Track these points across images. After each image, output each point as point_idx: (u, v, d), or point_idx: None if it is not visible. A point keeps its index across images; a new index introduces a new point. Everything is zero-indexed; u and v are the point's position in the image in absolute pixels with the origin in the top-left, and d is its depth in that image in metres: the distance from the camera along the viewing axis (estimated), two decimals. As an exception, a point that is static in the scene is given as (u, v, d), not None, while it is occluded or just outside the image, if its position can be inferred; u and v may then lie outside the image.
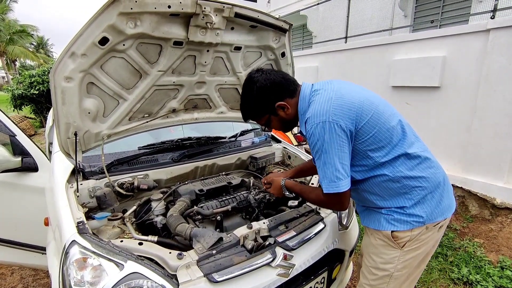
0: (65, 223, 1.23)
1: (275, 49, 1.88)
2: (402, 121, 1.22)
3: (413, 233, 1.19)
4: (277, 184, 1.51)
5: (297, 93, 1.25)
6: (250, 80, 1.24)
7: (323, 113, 1.10)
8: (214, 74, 1.84)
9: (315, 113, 1.12)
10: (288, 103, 1.23)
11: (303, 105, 1.22)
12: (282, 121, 1.29)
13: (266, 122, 1.31)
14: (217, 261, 1.21)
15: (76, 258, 1.10)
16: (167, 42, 1.49)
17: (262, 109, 1.26)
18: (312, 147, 1.16)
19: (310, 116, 1.14)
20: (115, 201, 1.55)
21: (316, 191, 1.30)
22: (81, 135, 1.54)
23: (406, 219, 1.18)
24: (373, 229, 1.29)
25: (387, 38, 4.39)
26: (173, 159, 1.86)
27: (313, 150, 1.17)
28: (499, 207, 3.12)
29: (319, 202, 1.32)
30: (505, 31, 3.00)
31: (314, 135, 1.12)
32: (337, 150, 1.09)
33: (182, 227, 1.35)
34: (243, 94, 1.29)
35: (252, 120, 1.35)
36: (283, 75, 1.26)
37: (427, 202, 1.18)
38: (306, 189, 1.42)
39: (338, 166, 1.10)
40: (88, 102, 1.47)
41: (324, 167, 1.12)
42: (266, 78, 1.21)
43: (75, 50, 1.26)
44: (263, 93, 1.21)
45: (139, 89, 1.60)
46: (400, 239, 1.20)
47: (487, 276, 2.36)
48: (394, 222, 1.20)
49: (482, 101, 3.27)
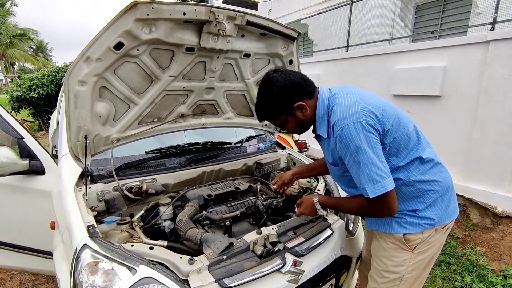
0: (76, 227, 1.23)
1: (283, 56, 1.90)
2: (416, 126, 1.26)
3: (423, 235, 1.22)
4: (309, 202, 1.40)
5: (315, 95, 1.24)
6: (268, 80, 1.22)
7: (353, 114, 1.09)
8: (223, 80, 1.86)
9: (344, 115, 1.10)
10: (306, 104, 1.21)
11: (322, 108, 1.21)
12: (299, 122, 1.27)
13: (282, 123, 1.28)
14: (228, 267, 1.20)
15: (88, 262, 1.09)
16: (179, 48, 1.51)
17: (280, 109, 1.23)
18: (345, 150, 1.11)
19: (338, 118, 1.11)
20: (124, 205, 1.54)
21: (356, 200, 1.21)
22: (91, 139, 1.54)
23: (418, 222, 1.21)
24: (383, 233, 1.30)
25: (388, 48, 4.47)
26: (180, 164, 1.87)
27: (345, 154, 1.12)
28: (500, 215, 3.14)
29: (364, 210, 1.19)
30: (505, 43, 3.07)
31: (346, 137, 1.08)
32: (374, 148, 1.07)
33: (192, 232, 1.34)
34: (261, 94, 1.26)
35: (268, 120, 1.32)
36: (302, 76, 1.25)
37: (437, 205, 1.22)
38: (343, 201, 1.32)
39: (379, 165, 1.06)
40: (99, 106, 1.48)
41: (364, 169, 1.07)
42: (285, 78, 1.19)
43: (90, 55, 1.28)
44: (283, 93, 1.19)
45: (149, 93, 1.62)
46: (411, 241, 1.23)
47: (490, 285, 2.36)
48: (406, 225, 1.22)
49: (482, 110, 3.32)
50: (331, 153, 1.27)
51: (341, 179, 1.36)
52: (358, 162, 1.08)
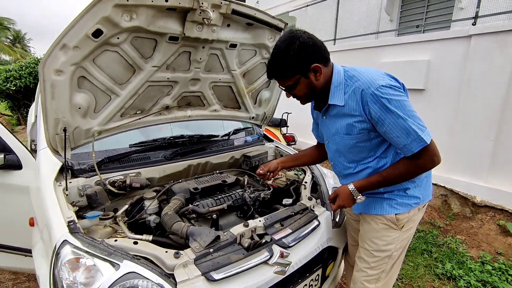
0: (55, 223, 1.18)
1: (270, 47, 1.88)
2: None
3: (410, 214, 1.31)
4: (345, 192, 1.30)
5: (329, 64, 1.25)
6: (291, 35, 1.17)
7: (381, 78, 1.14)
8: (209, 71, 1.82)
9: (372, 79, 1.13)
10: (322, 69, 1.20)
11: (338, 77, 1.23)
12: (310, 87, 1.23)
13: (292, 84, 1.23)
14: (215, 260, 1.19)
15: (68, 258, 1.06)
16: (162, 37, 1.46)
17: (297, 67, 1.19)
18: (384, 110, 1.11)
19: (368, 83, 1.13)
20: (106, 200, 1.50)
21: (401, 164, 1.20)
22: (71, 132, 1.48)
23: (407, 201, 1.29)
24: (374, 215, 1.35)
25: (375, 42, 4.51)
26: (165, 157, 1.83)
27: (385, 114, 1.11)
28: (479, 205, 3.27)
29: (415, 168, 1.18)
30: (486, 37, 3.15)
31: (383, 97, 1.09)
32: (408, 102, 1.11)
33: (178, 226, 1.32)
34: (279, 48, 1.18)
35: (278, 79, 1.26)
36: (321, 41, 1.23)
37: (423, 185, 1.32)
38: (385, 173, 1.23)
39: (417, 114, 1.11)
40: (79, 97, 1.42)
41: (414, 120, 1.09)
42: (309, 36, 1.17)
43: (67, 42, 1.21)
44: (304, 50, 1.15)
45: (132, 84, 1.56)
46: (400, 221, 1.31)
47: (469, 271, 2.47)
48: (396, 206, 1.29)
49: (463, 104, 3.42)
50: (346, 122, 1.26)
51: (350, 151, 1.32)
52: (403, 117, 1.09)
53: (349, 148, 1.32)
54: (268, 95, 2.23)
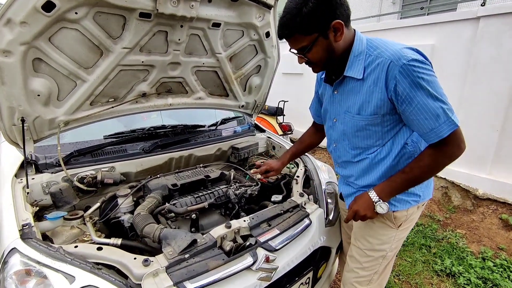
0: (6, 226, 1.04)
1: (258, 27, 1.68)
2: None
3: (408, 212, 1.22)
4: (366, 199, 1.16)
5: (350, 26, 1.10)
6: None
7: (408, 51, 0.99)
8: (190, 54, 1.63)
9: (399, 51, 0.99)
10: (343, 29, 1.03)
11: (360, 46, 1.09)
12: (328, 49, 1.07)
13: (308, 45, 1.05)
14: (190, 267, 1.06)
15: (16, 269, 0.92)
16: (131, 13, 1.27)
17: (315, 23, 1.01)
18: (413, 87, 0.97)
19: (395, 56, 0.99)
20: (74, 198, 1.35)
21: (423, 156, 1.06)
22: (31, 122, 1.31)
23: (406, 198, 1.20)
24: None
25: (376, 25, 4.27)
26: (144, 150, 1.67)
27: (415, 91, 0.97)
28: (481, 198, 3.14)
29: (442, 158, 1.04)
30: (496, 19, 2.93)
31: (409, 73, 0.96)
32: (438, 81, 0.99)
33: (150, 228, 1.18)
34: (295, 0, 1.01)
35: (291, 38, 1.07)
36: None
37: (424, 182, 1.19)
38: (407, 168, 1.10)
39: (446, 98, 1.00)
40: (36, 82, 1.24)
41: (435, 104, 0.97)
42: None
43: (12, 17, 1.02)
44: (327, 3, 0.98)
45: (100, 68, 1.38)
46: (398, 219, 1.23)
47: (469, 267, 2.36)
48: (394, 202, 1.20)
49: (468, 91, 3.23)
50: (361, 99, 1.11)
51: (357, 134, 1.17)
52: (434, 95, 0.97)
53: (356, 131, 1.17)
54: (258, 81, 2.05)
